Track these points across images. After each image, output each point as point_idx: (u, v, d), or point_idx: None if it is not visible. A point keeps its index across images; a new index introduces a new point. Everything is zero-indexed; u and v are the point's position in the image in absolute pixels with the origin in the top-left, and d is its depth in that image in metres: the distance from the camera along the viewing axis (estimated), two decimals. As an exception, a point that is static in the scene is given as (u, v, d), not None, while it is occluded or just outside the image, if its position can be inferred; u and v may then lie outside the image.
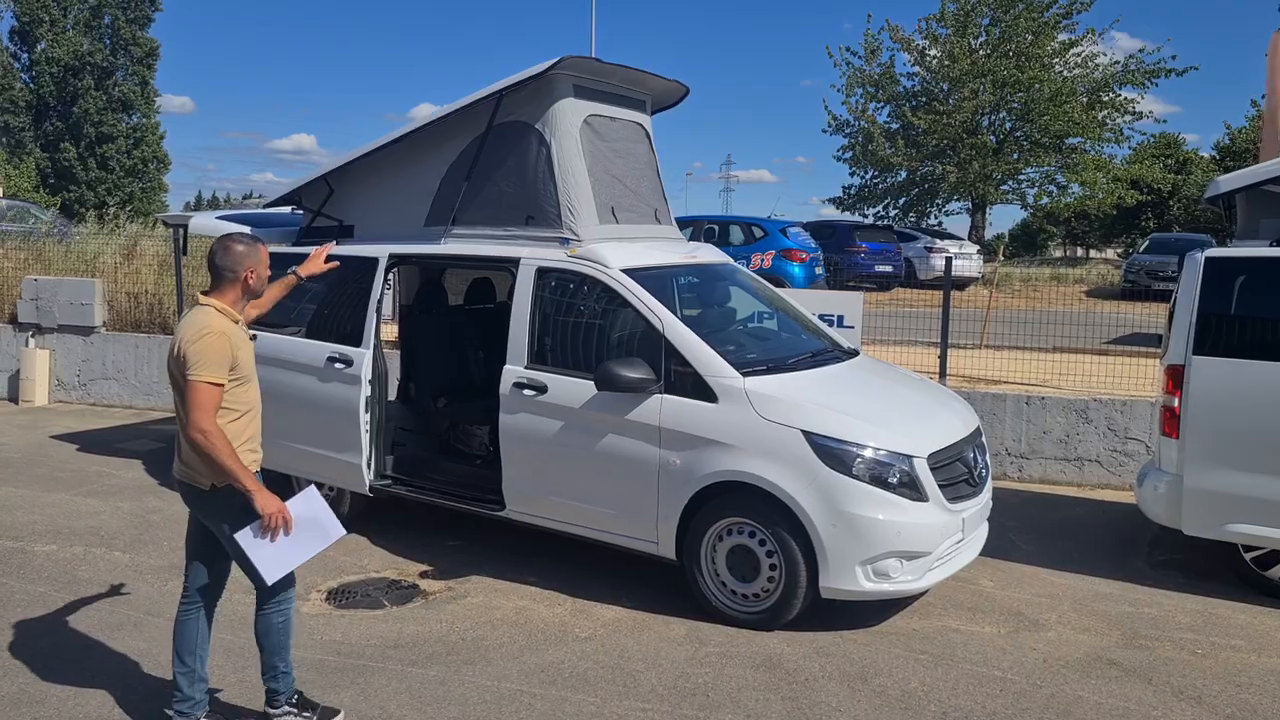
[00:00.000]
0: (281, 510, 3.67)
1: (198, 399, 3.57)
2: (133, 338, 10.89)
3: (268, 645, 3.95)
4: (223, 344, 3.63)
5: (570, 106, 5.92)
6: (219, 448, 3.57)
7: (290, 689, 4.03)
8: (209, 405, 3.58)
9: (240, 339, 3.77)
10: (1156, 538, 6.74)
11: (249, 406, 3.82)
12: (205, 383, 3.58)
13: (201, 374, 3.57)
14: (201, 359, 3.58)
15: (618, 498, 5.41)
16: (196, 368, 3.58)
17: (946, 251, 21.70)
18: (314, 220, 6.90)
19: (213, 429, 3.58)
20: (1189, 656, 4.88)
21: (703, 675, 4.58)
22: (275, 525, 3.65)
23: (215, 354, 3.60)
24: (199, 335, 3.62)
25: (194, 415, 3.56)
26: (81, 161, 44.18)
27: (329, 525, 3.83)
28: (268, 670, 3.98)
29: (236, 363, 3.70)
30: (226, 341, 3.65)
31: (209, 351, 3.59)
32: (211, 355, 3.59)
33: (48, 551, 6.17)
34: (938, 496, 5.04)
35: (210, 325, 3.65)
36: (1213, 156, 44.65)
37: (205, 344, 3.60)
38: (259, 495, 3.63)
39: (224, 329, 3.68)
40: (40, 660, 4.64)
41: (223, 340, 3.64)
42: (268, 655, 3.96)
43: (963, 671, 4.65)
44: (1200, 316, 5.66)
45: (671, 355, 5.26)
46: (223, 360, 3.62)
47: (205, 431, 3.56)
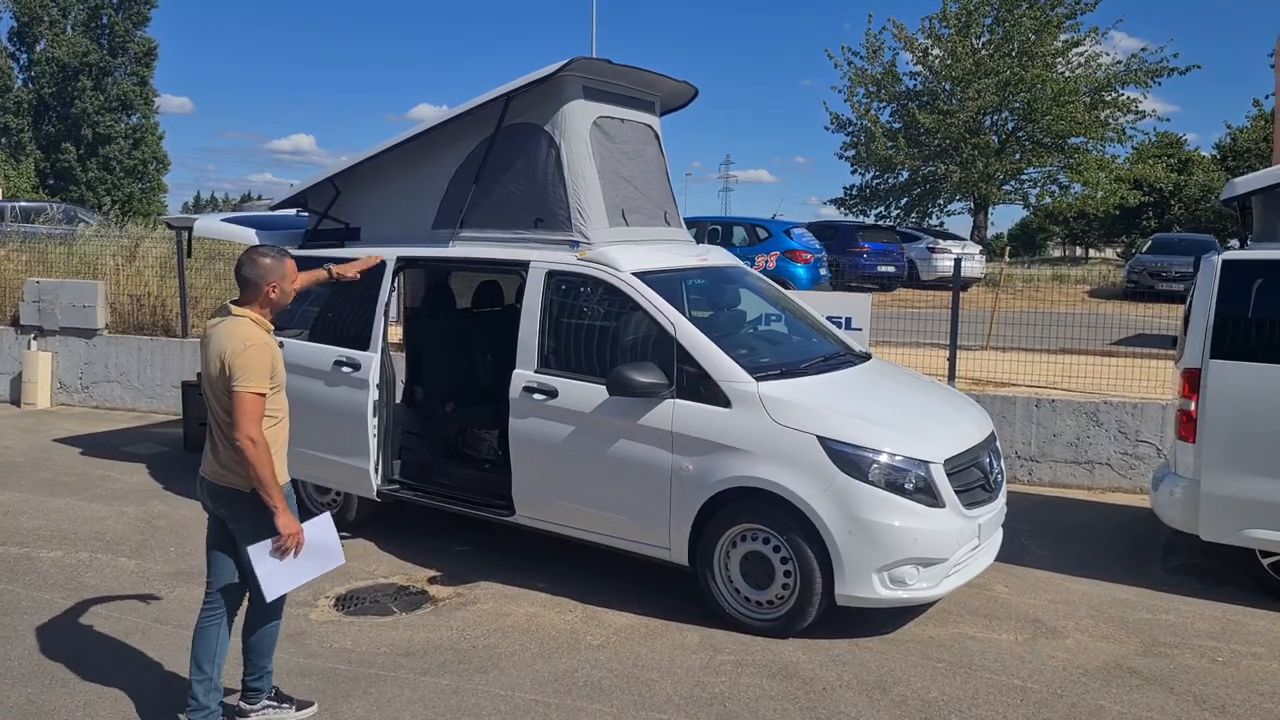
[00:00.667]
0: (299, 534, 3.79)
1: (246, 409, 3.68)
2: (135, 340, 10.83)
3: (259, 648, 4.05)
4: (265, 355, 3.77)
5: (580, 108, 5.87)
6: (262, 458, 3.68)
7: (270, 687, 4.13)
8: (256, 414, 3.71)
9: (275, 348, 3.88)
10: (1170, 542, 6.68)
11: (285, 412, 3.96)
12: (252, 393, 3.69)
13: (249, 385, 3.69)
14: (247, 370, 3.69)
15: (629, 503, 5.35)
16: (244, 379, 3.69)
17: (949, 252, 21.65)
18: (320, 222, 6.83)
19: (260, 438, 3.70)
20: (1209, 664, 4.82)
21: (719, 684, 4.52)
22: (289, 546, 3.78)
23: (260, 365, 3.73)
24: (244, 348, 3.72)
25: (243, 424, 3.67)
26: (81, 162, 44.11)
27: (333, 552, 3.97)
28: (255, 672, 4.07)
29: (274, 371, 3.82)
30: (268, 353, 3.80)
31: (253, 363, 3.71)
32: (257, 367, 3.71)
33: (53, 557, 6.12)
34: (954, 502, 4.98)
35: (252, 337, 3.77)
36: (1213, 156, 44.64)
37: (250, 356, 3.71)
38: (282, 515, 3.74)
39: (265, 340, 3.81)
40: (48, 669, 4.58)
41: (265, 352, 3.78)
42: (257, 658, 4.06)
43: (982, 680, 4.59)
44: (1218, 319, 5.61)
45: (684, 359, 5.20)
46: (266, 371, 3.75)
47: (254, 440, 3.68)
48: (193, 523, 6.84)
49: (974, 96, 27.01)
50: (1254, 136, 38.44)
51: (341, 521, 6.60)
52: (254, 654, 4.05)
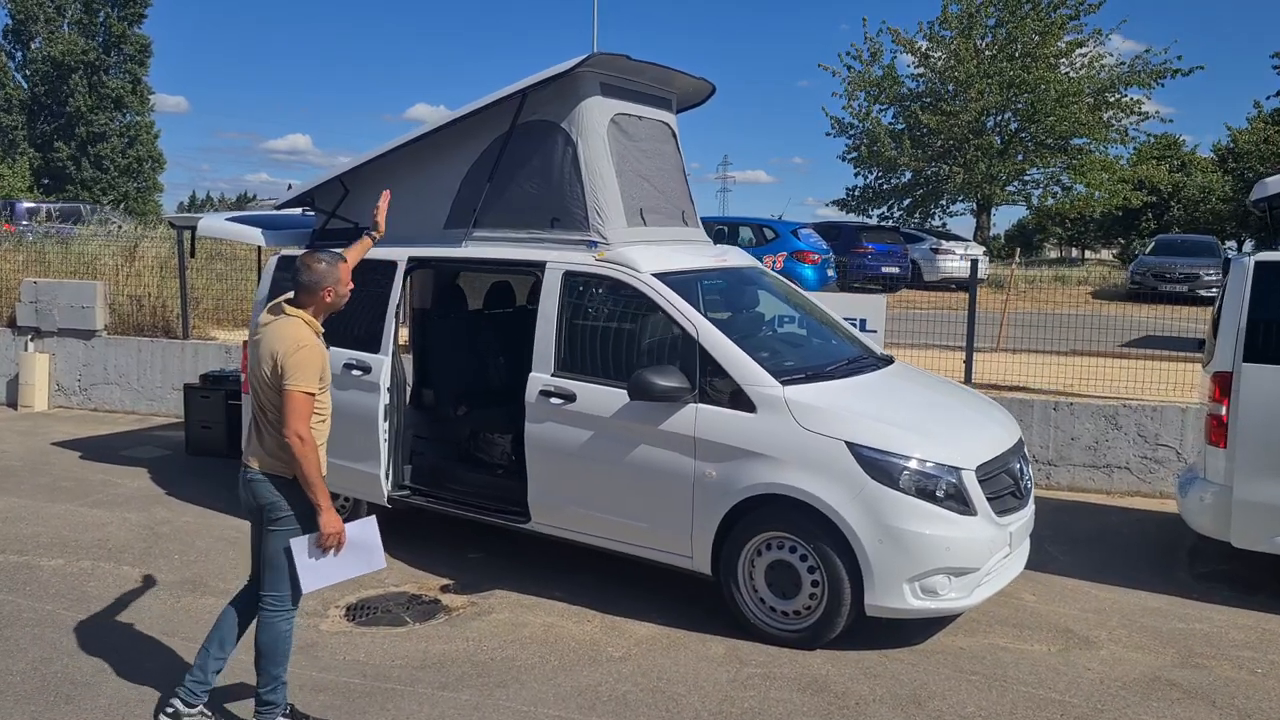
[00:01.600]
0: (341, 533, 3.86)
1: (296, 407, 3.78)
2: (135, 341, 10.65)
3: (272, 655, 3.95)
4: (317, 357, 3.89)
5: (597, 105, 5.72)
6: (310, 456, 3.79)
7: (285, 701, 4.02)
8: (305, 412, 3.81)
9: (324, 350, 3.98)
10: (1195, 548, 6.56)
11: (329, 412, 4.08)
12: (303, 392, 3.79)
13: (300, 384, 3.78)
14: (300, 370, 3.79)
15: (650, 511, 5.21)
16: (295, 378, 3.78)
17: (953, 253, 21.56)
18: (328, 222, 6.68)
19: (309, 436, 3.80)
20: (1249, 676, 4.69)
21: (748, 699, 4.38)
22: (330, 545, 3.84)
23: (312, 366, 3.84)
24: (296, 348, 3.81)
25: (292, 421, 3.77)
26: (75, 161, 43.85)
27: (375, 555, 3.99)
28: (268, 682, 3.96)
29: (323, 372, 3.94)
30: (320, 354, 3.92)
31: (306, 364, 3.81)
32: (309, 367, 3.82)
33: (54, 566, 5.95)
34: (986, 510, 4.85)
35: (304, 339, 3.86)
36: (1212, 158, 44.62)
37: (303, 356, 3.81)
38: (326, 513, 3.82)
39: (316, 342, 3.91)
40: (52, 686, 4.42)
41: (317, 353, 3.89)
42: (269, 664, 3.95)
43: (1019, 694, 4.46)
44: (1251, 322, 5.48)
45: (707, 363, 5.07)
46: (316, 371, 3.86)
47: (302, 438, 3.77)
48: (197, 529, 6.69)
49: (976, 97, 26.91)
50: (1254, 138, 38.38)
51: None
52: (266, 659, 3.94)
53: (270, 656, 3.94)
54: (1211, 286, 19.55)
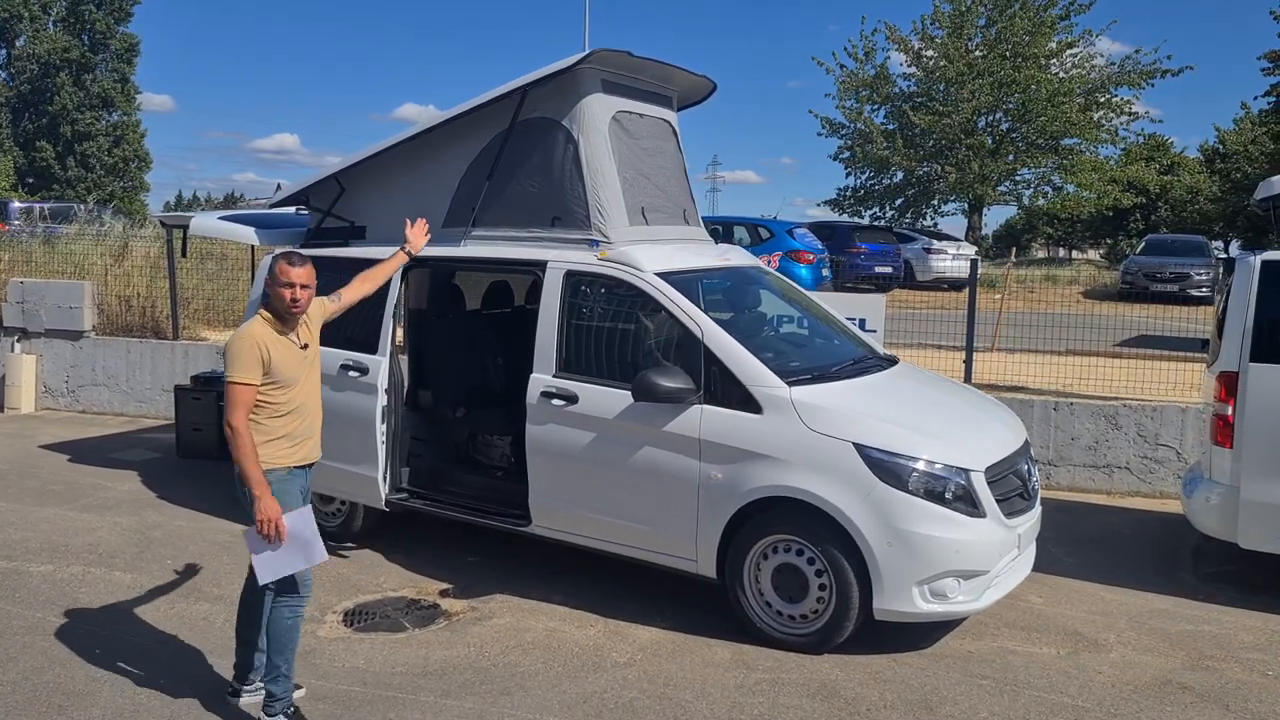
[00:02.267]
0: (276, 519, 3.86)
1: (229, 397, 3.90)
2: (124, 342, 10.51)
3: (272, 641, 4.02)
4: (249, 346, 3.91)
5: (599, 102, 5.64)
6: (242, 446, 3.87)
7: (288, 695, 4.05)
8: (238, 403, 3.88)
9: (277, 345, 4.00)
10: (1199, 548, 6.53)
11: (292, 408, 4.05)
12: (235, 383, 3.89)
13: (232, 374, 3.90)
14: (231, 361, 3.92)
15: (654, 513, 5.13)
16: (228, 369, 3.93)
17: (945, 253, 21.56)
18: (323, 221, 6.58)
19: (241, 427, 3.87)
20: (1260, 679, 4.65)
21: (757, 705, 4.30)
22: (267, 532, 3.86)
23: (241, 356, 3.90)
24: (233, 340, 3.97)
25: (227, 412, 3.90)
26: (60, 160, 43.47)
27: (315, 547, 4.00)
28: (269, 670, 4.03)
29: (271, 367, 3.94)
30: (253, 344, 3.92)
31: (235, 354, 3.91)
32: (238, 357, 3.90)
33: (44, 572, 5.83)
34: (994, 511, 4.79)
35: (242, 331, 3.98)
36: (1199, 159, 44.82)
37: (234, 346, 3.94)
38: (261, 499, 3.86)
39: (257, 335, 3.96)
40: (44, 695, 4.31)
41: (249, 343, 3.92)
42: (270, 653, 4.03)
43: (1031, 699, 4.40)
44: (1257, 322, 5.44)
45: (712, 363, 4.99)
46: (249, 361, 3.90)
47: (233, 428, 3.88)
48: (190, 534, 6.57)
49: (968, 97, 26.93)
50: (1241, 139, 38.54)
51: (347, 531, 6.38)
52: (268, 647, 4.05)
53: (271, 644, 4.03)
54: (1202, 286, 19.62)
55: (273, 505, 3.86)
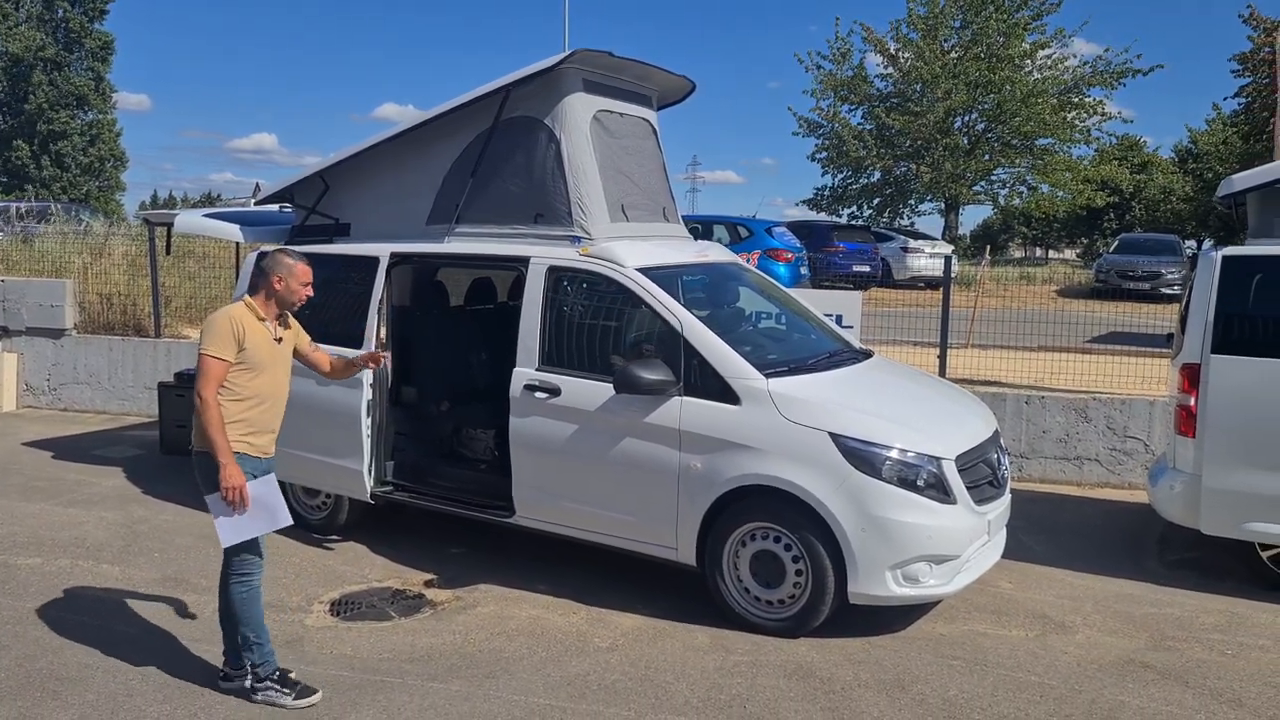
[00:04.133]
0: (241, 487, 4.07)
1: (201, 368, 4.10)
2: (106, 340, 10.52)
3: (235, 616, 4.23)
4: (226, 323, 4.13)
5: (581, 101, 5.76)
6: (209, 415, 4.06)
7: (268, 660, 4.26)
8: (210, 375, 4.08)
9: (255, 330, 4.20)
10: (1164, 536, 6.72)
11: (254, 395, 4.20)
12: (208, 355, 4.09)
13: (206, 347, 4.10)
14: (207, 333, 4.13)
15: (635, 503, 5.26)
16: (203, 341, 4.12)
17: (922, 251, 21.80)
18: (308, 218, 6.67)
19: (210, 399, 4.07)
20: (1220, 658, 4.83)
21: (735, 686, 4.44)
22: (232, 499, 4.07)
23: (218, 331, 4.11)
24: (211, 316, 4.20)
25: (198, 382, 4.10)
26: (35, 160, 43.04)
27: (279, 511, 4.23)
28: (242, 644, 4.25)
29: (245, 348, 4.13)
30: (231, 321, 4.13)
31: (212, 329, 4.13)
32: (216, 332, 4.11)
33: (32, 565, 5.89)
34: (965, 498, 4.95)
35: (222, 310, 4.22)
36: (1172, 159, 45.42)
37: (211, 322, 4.16)
38: (226, 467, 4.06)
39: (236, 314, 4.18)
40: (37, 682, 4.39)
41: (226, 320, 4.14)
42: (241, 628, 4.24)
43: (998, 677, 4.56)
44: (1218, 315, 5.63)
45: (692, 356, 5.12)
46: (225, 337, 4.09)
47: (202, 398, 4.08)
48: (176, 527, 6.64)
49: (943, 97, 27.20)
50: (1213, 140, 39.11)
51: (333, 524, 6.47)
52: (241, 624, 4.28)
53: (238, 619, 4.24)
54: (1174, 284, 19.95)
55: (237, 473, 4.06)
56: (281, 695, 4.19)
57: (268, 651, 4.25)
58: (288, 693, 4.21)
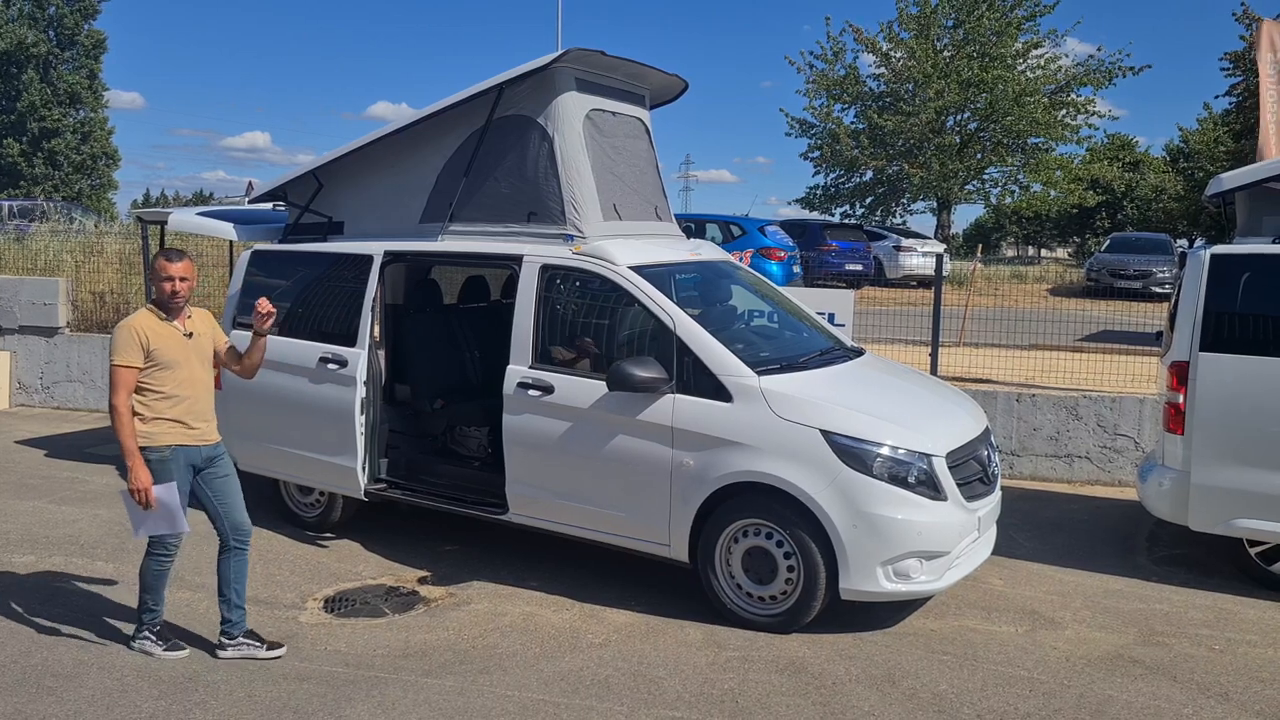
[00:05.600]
0: (146, 489, 4.41)
1: (111, 379, 4.42)
2: (99, 339, 10.51)
3: (143, 582, 4.70)
4: (128, 334, 4.41)
5: (573, 100, 5.78)
6: (120, 424, 4.40)
7: (155, 620, 4.70)
8: (119, 384, 4.40)
9: (160, 333, 4.46)
10: (1153, 533, 6.77)
11: (176, 392, 4.50)
12: (115, 365, 4.41)
13: (113, 358, 4.41)
14: (113, 346, 4.42)
15: (628, 500, 5.29)
16: (111, 354, 4.44)
17: (915, 250, 21.85)
18: (301, 216, 6.68)
19: (120, 406, 4.40)
20: (1208, 653, 4.88)
21: (727, 681, 4.47)
22: (138, 499, 4.42)
23: (121, 342, 4.40)
24: (118, 329, 4.48)
25: (110, 393, 4.43)
26: (27, 157, 42.89)
27: (178, 518, 4.53)
28: (140, 604, 4.71)
29: (152, 350, 4.42)
30: (132, 331, 4.42)
31: (117, 341, 4.42)
32: (118, 344, 4.41)
33: (26, 562, 5.90)
34: (955, 495, 4.99)
35: (124, 322, 4.49)
36: (1164, 158, 45.59)
37: (116, 335, 4.45)
38: (133, 469, 4.42)
39: (137, 324, 4.44)
40: (33, 678, 4.41)
41: (128, 331, 4.42)
42: (141, 591, 4.71)
43: (989, 672, 4.60)
44: (1206, 313, 5.67)
45: (684, 354, 5.15)
46: (130, 346, 4.39)
47: (112, 405, 4.42)
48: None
49: (935, 97, 27.25)
50: (1204, 139, 39.26)
51: (326, 521, 6.50)
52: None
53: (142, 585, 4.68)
54: (1165, 283, 20.03)
55: (143, 475, 4.40)
56: (154, 645, 4.66)
57: (156, 617, 4.71)
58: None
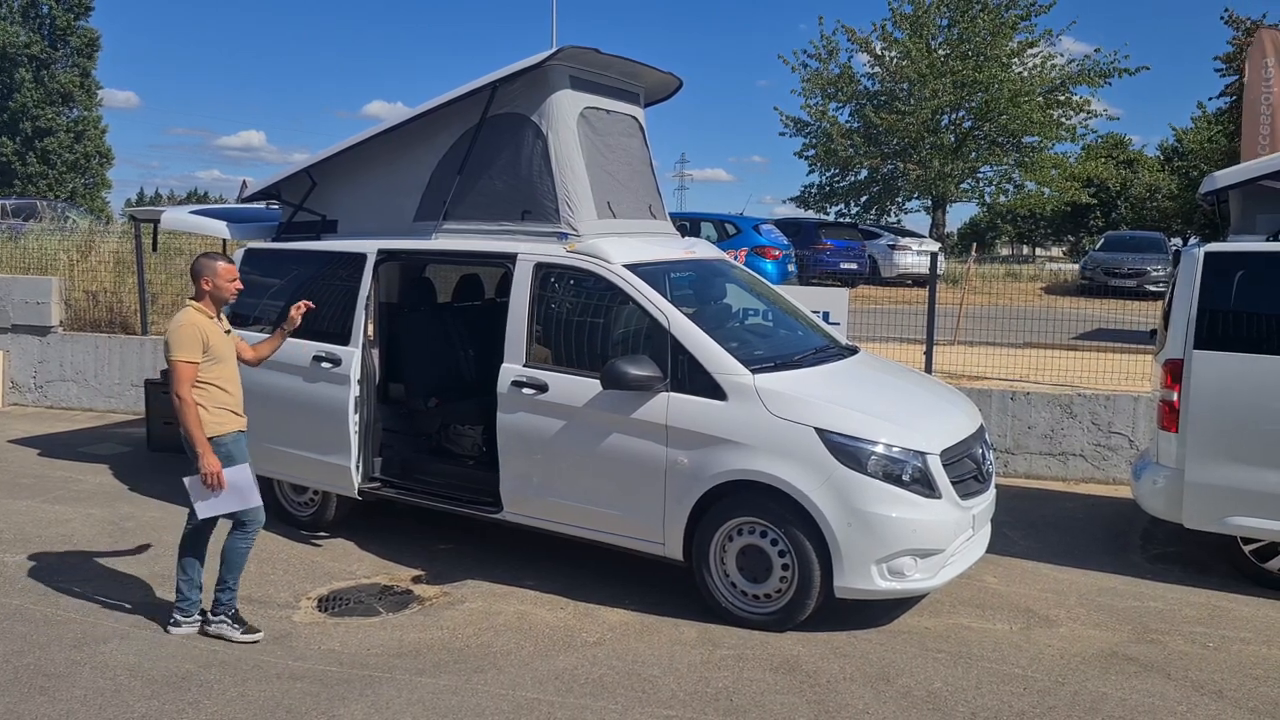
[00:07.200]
0: (218, 472, 4.68)
1: (175, 373, 4.67)
2: (93, 338, 10.48)
3: (227, 562, 4.87)
4: (190, 331, 4.69)
5: (568, 98, 5.77)
6: (187, 412, 4.66)
7: (232, 605, 4.90)
8: (183, 378, 4.66)
9: (211, 329, 4.77)
10: (1148, 531, 6.78)
11: (226, 383, 4.83)
12: (179, 361, 4.66)
13: (177, 355, 4.66)
14: (175, 343, 4.68)
15: (622, 498, 5.28)
16: (173, 350, 4.68)
17: (910, 249, 21.87)
18: (295, 215, 6.66)
19: (187, 397, 4.66)
20: (1201, 650, 4.88)
21: (722, 679, 4.47)
22: (211, 484, 4.68)
23: (186, 339, 4.67)
24: (176, 327, 4.72)
25: (174, 385, 4.67)
26: (20, 156, 42.76)
27: (251, 494, 4.81)
28: (220, 582, 4.88)
29: (210, 346, 4.71)
30: (194, 328, 4.70)
31: (180, 338, 4.67)
32: (182, 341, 4.67)
33: (19, 561, 5.88)
34: (950, 493, 4.98)
35: (183, 319, 4.73)
36: (1158, 157, 45.64)
37: (177, 332, 4.68)
38: (205, 457, 4.67)
39: (196, 321, 4.73)
40: (25, 677, 4.39)
41: (190, 328, 4.69)
42: (224, 570, 4.88)
43: (983, 670, 4.60)
44: (1200, 311, 5.68)
45: (678, 352, 5.14)
46: (193, 343, 4.67)
47: (181, 398, 4.66)
48: (163, 524, 6.63)
49: (930, 96, 27.25)
50: (1198, 138, 39.30)
51: (320, 520, 6.48)
52: (223, 566, 4.89)
53: (225, 563, 4.88)
54: (1159, 282, 20.07)
55: (214, 461, 4.67)
56: (232, 629, 4.85)
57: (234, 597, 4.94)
58: (238, 628, 4.86)
